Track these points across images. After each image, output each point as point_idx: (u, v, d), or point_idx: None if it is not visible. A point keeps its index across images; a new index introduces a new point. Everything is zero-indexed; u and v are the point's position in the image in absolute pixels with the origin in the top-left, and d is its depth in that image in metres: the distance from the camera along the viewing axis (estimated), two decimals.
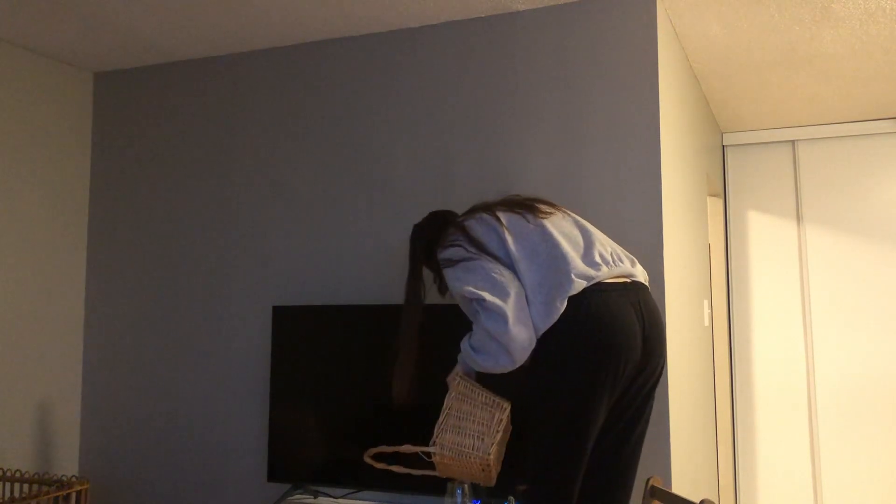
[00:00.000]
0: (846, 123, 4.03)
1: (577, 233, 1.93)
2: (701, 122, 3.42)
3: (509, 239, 1.88)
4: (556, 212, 1.98)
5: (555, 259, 1.83)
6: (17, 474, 2.76)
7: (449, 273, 1.91)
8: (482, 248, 1.88)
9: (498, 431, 1.87)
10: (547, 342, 1.80)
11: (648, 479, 2.00)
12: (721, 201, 4.22)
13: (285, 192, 2.88)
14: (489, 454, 1.84)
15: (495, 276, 1.82)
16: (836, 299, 4.00)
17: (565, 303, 1.78)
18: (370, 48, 2.81)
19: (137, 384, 3.05)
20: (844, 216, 4.04)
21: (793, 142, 4.16)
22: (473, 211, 2.02)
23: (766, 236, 4.17)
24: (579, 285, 1.79)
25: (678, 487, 2.36)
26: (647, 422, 1.94)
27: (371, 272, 2.71)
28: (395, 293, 2.66)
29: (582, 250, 1.88)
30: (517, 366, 1.81)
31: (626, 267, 1.91)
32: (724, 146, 4.28)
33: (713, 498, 3.40)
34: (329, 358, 2.57)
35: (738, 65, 3.14)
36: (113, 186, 3.20)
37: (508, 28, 2.61)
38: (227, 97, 3.02)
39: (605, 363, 1.75)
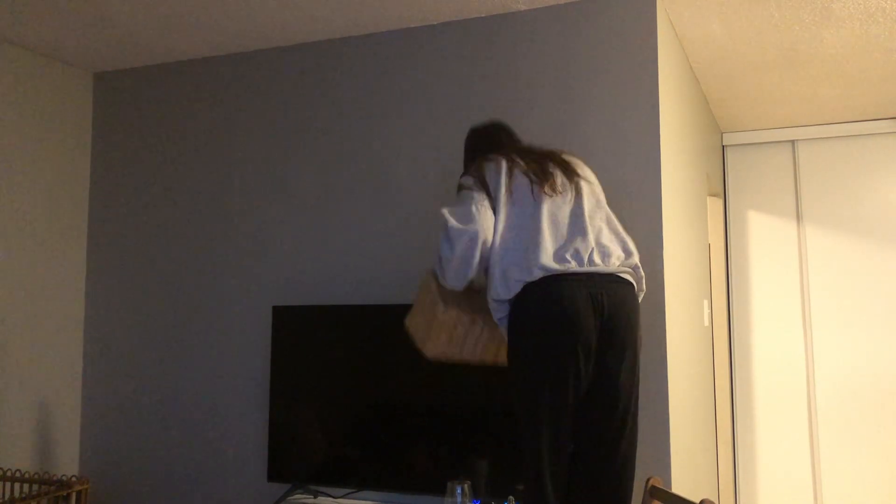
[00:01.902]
0: (846, 123, 4.03)
1: (569, 223, 1.94)
2: (701, 122, 3.42)
3: (504, 198, 1.96)
4: (567, 193, 1.99)
5: (528, 242, 1.90)
6: (17, 474, 2.76)
7: (456, 196, 2.03)
8: (484, 186, 1.97)
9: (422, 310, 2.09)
10: (511, 326, 1.90)
11: (648, 479, 2.00)
12: (721, 201, 4.22)
13: (285, 191, 2.88)
14: (408, 325, 2.13)
15: (473, 210, 1.92)
16: (836, 299, 4.00)
17: (519, 282, 1.87)
18: (370, 48, 2.81)
19: (137, 384, 3.05)
20: (844, 216, 4.04)
21: (793, 142, 4.16)
22: (508, 151, 2.08)
23: (766, 236, 4.17)
24: (536, 274, 1.86)
25: (678, 487, 2.36)
26: (634, 419, 1.93)
27: (371, 272, 2.71)
28: (395, 293, 2.66)
29: (562, 242, 1.91)
30: (450, 286, 1.99)
31: (604, 268, 1.91)
32: (724, 146, 4.28)
33: (713, 498, 3.41)
34: (329, 358, 2.57)
35: (739, 65, 3.14)
36: (113, 186, 3.20)
37: (508, 28, 2.61)
38: (227, 97, 3.02)
39: (548, 346, 1.83)
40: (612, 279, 1.92)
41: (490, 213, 1.94)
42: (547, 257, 1.86)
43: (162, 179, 3.11)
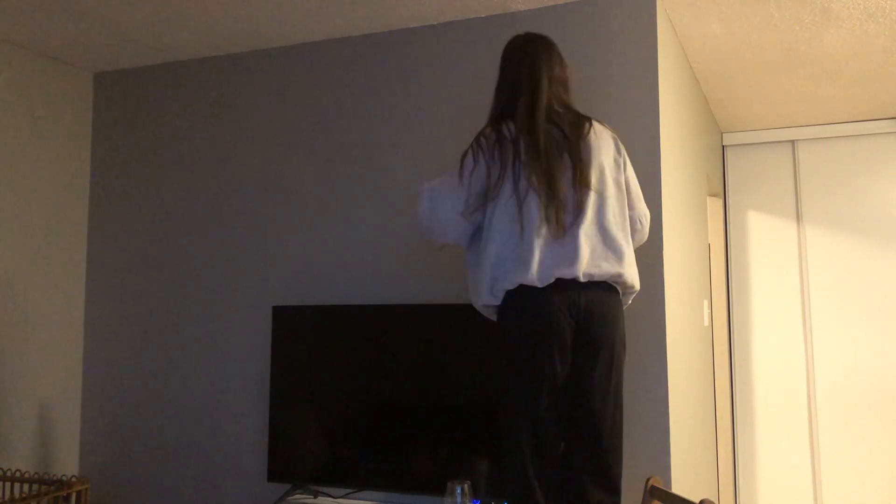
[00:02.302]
0: (846, 123, 4.03)
1: (563, 249, 1.89)
2: (701, 122, 3.42)
3: (515, 218, 1.91)
4: (567, 231, 1.90)
5: (521, 259, 1.88)
6: (17, 474, 2.76)
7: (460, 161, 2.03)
8: (485, 192, 1.95)
9: None
10: (496, 327, 1.97)
11: (648, 479, 2.00)
12: (721, 201, 4.22)
13: (285, 192, 2.88)
14: None
15: (443, 213, 1.97)
16: (836, 299, 4.00)
17: (503, 291, 1.91)
18: (370, 48, 2.81)
19: (137, 384, 3.05)
20: (844, 216, 4.04)
21: (793, 142, 4.16)
22: (523, 159, 1.93)
23: (766, 236, 4.17)
24: (516, 285, 1.89)
25: (678, 487, 2.36)
26: (614, 417, 1.92)
27: (371, 272, 2.71)
28: (395, 293, 2.66)
29: (550, 264, 1.88)
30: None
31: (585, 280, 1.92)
32: (724, 146, 4.28)
33: (713, 498, 3.40)
34: (329, 358, 2.57)
35: (738, 65, 3.14)
36: (113, 186, 3.20)
37: (508, 28, 2.61)
38: (227, 97, 3.02)
39: (524, 346, 1.87)
40: (592, 285, 1.91)
41: (463, 222, 1.97)
42: (531, 278, 1.87)
43: (162, 179, 3.11)
